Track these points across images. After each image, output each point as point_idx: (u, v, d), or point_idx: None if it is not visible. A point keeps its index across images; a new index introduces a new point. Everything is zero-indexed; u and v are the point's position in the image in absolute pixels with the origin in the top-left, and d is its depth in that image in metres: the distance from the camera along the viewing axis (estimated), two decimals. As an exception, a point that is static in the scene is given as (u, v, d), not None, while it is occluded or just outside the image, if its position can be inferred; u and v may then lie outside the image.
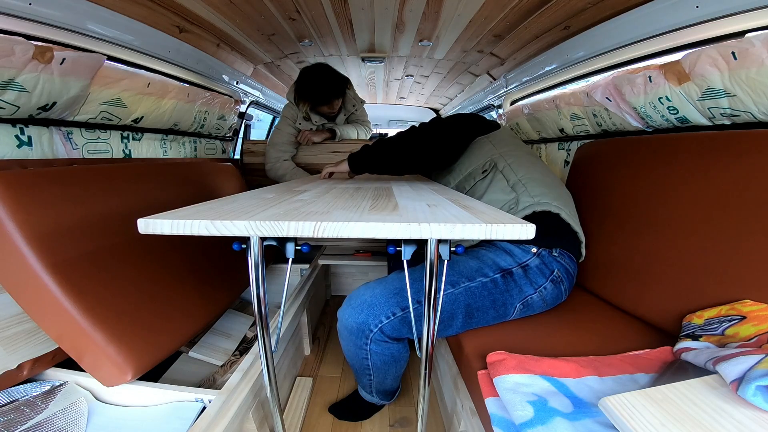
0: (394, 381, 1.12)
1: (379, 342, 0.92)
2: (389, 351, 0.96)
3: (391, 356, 0.98)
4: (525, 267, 0.96)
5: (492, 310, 0.93)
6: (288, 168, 1.98)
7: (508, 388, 0.68)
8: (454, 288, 0.92)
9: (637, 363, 0.75)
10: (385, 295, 0.90)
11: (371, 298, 0.91)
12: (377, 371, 1.02)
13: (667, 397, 0.49)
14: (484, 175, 1.09)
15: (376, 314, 0.89)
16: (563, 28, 1.45)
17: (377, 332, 0.90)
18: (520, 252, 0.98)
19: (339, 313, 0.96)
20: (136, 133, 1.49)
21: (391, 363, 1.01)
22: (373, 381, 1.08)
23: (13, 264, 0.77)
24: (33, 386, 0.88)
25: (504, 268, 0.96)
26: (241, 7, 1.39)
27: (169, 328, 0.98)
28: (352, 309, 0.92)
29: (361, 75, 2.71)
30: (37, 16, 0.96)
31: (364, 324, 0.90)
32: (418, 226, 0.48)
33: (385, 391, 1.17)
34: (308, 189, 0.90)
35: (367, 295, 0.92)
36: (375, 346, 0.93)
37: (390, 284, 0.93)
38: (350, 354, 1.00)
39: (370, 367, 1.00)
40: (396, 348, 0.97)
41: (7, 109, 0.96)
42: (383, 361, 0.98)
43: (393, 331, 0.90)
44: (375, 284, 0.95)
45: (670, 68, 1.02)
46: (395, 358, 0.99)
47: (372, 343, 0.92)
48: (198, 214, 0.52)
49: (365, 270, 2.23)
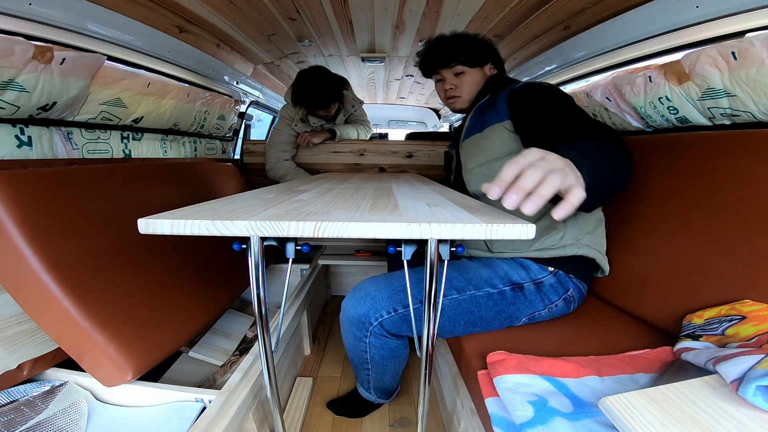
0: (393, 379, 1.12)
1: (379, 336, 0.93)
2: (388, 346, 0.96)
3: (390, 351, 0.98)
4: (539, 283, 0.95)
5: (496, 321, 0.93)
6: (289, 168, 1.97)
7: (508, 388, 0.68)
8: (459, 294, 0.91)
9: (637, 363, 0.75)
10: (388, 291, 0.91)
11: (375, 291, 0.92)
12: (375, 366, 1.03)
13: (667, 397, 0.49)
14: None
15: (378, 308, 0.90)
16: (563, 27, 1.45)
17: (377, 326, 0.91)
18: (537, 268, 0.97)
19: (343, 303, 0.97)
20: (136, 133, 1.49)
21: (390, 359, 1.01)
22: (372, 377, 1.08)
23: (13, 264, 0.77)
24: (33, 386, 0.88)
25: (515, 281, 0.94)
26: (241, 7, 1.39)
27: (169, 328, 0.98)
28: (355, 300, 0.93)
29: (361, 75, 2.71)
30: (37, 16, 0.96)
31: (365, 316, 0.91)
32: (418, 226, 0.48)
33: (384, 389, 1.17)
34: (308, 189, 0.90)
35: (371, 288, 0.93)
36: (374, 339, 0.94)
37: (394, 281, 0.94)
38: (350, 346, 1.00)
39: (369, 361, 1.01)
40: (395, 343, 0.97)
41: (7, 109, 0.96)
42: (382, 355, 0.99)
43: (393, 327, 0.91)
44: (380, 279, 0.96)
45: (670, 68, 1.03)
46: (394, 354, 1.00)
47: (371, 336, 0.93)
48: (198, 214, 0.52)
49: (365, 270, 2.23)
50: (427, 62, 1.23)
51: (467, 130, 1.17)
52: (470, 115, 1.19)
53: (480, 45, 1.20)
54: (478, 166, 1.09)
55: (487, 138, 1.06)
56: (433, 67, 1.22)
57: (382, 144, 2.20)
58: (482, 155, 1.07)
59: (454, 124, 4.10)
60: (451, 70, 1.19)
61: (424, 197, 0.77)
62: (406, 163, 2.13)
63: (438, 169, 2.12)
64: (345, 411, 1.25)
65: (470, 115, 1.19)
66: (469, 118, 1.19)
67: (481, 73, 1.20)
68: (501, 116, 1.04)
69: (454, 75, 1.20)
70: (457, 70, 1.19)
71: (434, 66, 1.22)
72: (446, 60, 1.18)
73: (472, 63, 1.18)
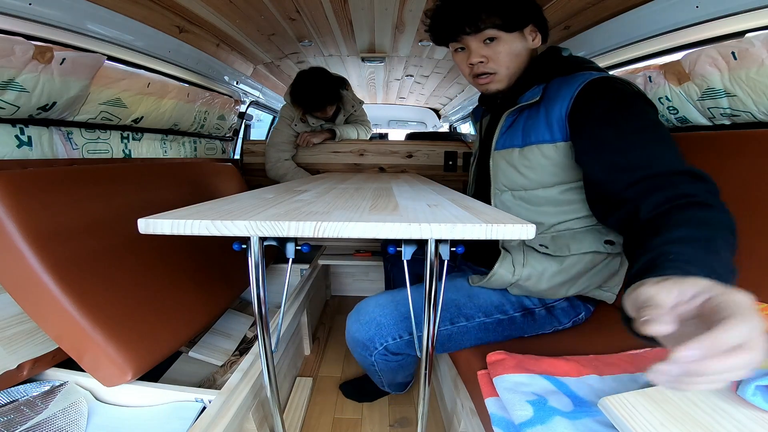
0: (405, 377, 1.11)
1: (383, 356, 0.90)
2: (395, 361, 0.93)
3: (398, 364, 0.95)
4: (551, 308, 0.92)
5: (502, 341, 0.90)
6: (289, 168, 1.97)
7: (507, 387, 0.68)
8: (468, 321, 0.87)
9: (637, 362, 0.75)
10: (394, 318, 0.86)
11: (380, 317, 0.87)
12: (385, 374, 1.01)
13: (666, 397, 0.49)
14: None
15: (383, 334, 0.86)
16: (563, 28, 1.45)
17: (381, 350, 0.88)
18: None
19: (348, 322, 0.93)
20: (136, 133, 1.49)
21: (398, 369, 0.99)
22: (384, 380, 1.07)
23: (13, 264, 0.77)
24: (33, 386, 0.88)
25: (527, 307, 0.90)
26: (241, 7, 1.39)
27: (169, 328, 0.98)
28: (360, 324, 0.89)
29: (361, 75, 2.71)
30: (37, 16, 0.96)
31: (370, 341, 0.87)
32: (418, 226, 0.48)
33: (397, 384, 1.16)
34: (308, 189, 0.90)
35: (376, 313, 0.88)
36: (379, 358, 0.90)
37: (400, 305, 0.88)
38: (358, 358, 0.97)
39: (378, 371, 0.98)
40: (401, 358, 0.93)
41: (7, 109, 0.96)
42: (390, 368, 0.96)
43: (398, 350, 0.88)
44: (385, 302, 0.89)
45: (670, 68, 1.03)
46: (402, 364, 0.97)
47: (376, 355, 0.90)
48: (198, 214, 0.52)
49: (365, 270, 2.23)
50: (443, 24, 0.87)
51: (501, 136, 0.89)
52: (507, 114, 0.88)
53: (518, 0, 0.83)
54: (511, 191, 0.89)
55: (529, 159, 0.82)
56: (453, 32, 0.85)
57: (382, 144, 2.20)
58: (519, 179, 0.85)
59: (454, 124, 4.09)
60: (479, 36, 0.83)
61: (423, 197, 0.77)
62: (406, 163, 2.13)
63: (438, 169, 2.12)
64: (354, 395, 1.28)
65: (507, 114, 0.88)
66: (505, 116, 0.88)
67: (521, 39, 0.85)
68: (554, 133, 0.78)
69: (482, 43, 0.84)
70: (488, 34, 0.82)
71: (454, 30, 0.85)
72: (473, 20, 0.81)
73: (511, 26, 0.82)
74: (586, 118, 0.73)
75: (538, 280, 0.84)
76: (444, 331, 0.86)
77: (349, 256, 2.04)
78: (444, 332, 0.86)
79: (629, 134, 0.68)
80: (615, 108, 0.71)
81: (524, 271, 0.83)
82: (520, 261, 0.84)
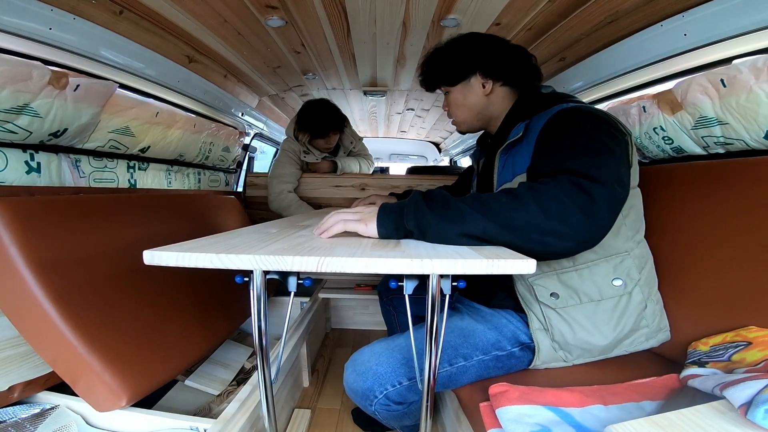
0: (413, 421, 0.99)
1: (385, 406, 0.86)
2: (398, 410, 0.88)
3: (402, 413, 0.90)
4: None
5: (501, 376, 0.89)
6: (292, 200, 1.95)
7: (511, 418, 0.67)
8: (466, 361, 0.86)
9: (643, 391, 0.74)
10: (392, 365, 0.84)
11: (376, 366, 0.84)
12: (390, 422, 0.96)
13: (672, 423, 0.48)
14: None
15: (382, 383, 0.83)
16: (559, 59, 1.50)
17: (382, 398, 0.84)
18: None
19: (345, 373, 0.89)
20: (142, 163, 1.52)
21: (403, 417, 0.92)
22: (390, 425, 1.00)
23: (13, 289, 0.78)
24: (22, 408, 0.87)
25: (523, 342, 0.89)
26: (249, 39, 1.44)
27: (166, 356, 0.97)
28: (356, 375, 0.85)
29: (363, 108, 2.76)
30: (56, 41, 0.98)
31: (369, 390, 0.84)
32: (420, 261, 0.49)
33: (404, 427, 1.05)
34: (311, 224, 0.90)
35: (372, 362, 0.85)
36: (380, 407, 0.86)
37: (395, 352, 0.85)
38: (360, 407, 0.92)
39: (381, 421, 0.94)
40: (405, 407, 0.88)
41: (20, 134, 0.97)
42: (392, 416, 0.90)
43: (399, 397, 0.84)
44: (381, 350, 0.87)
45: (662, 97, 1.05)
46: (406, 413, 0.91)
47: (377, 405, 0.85)
48: (203, 248, 0.52)
49: (365, 303, 2.19)
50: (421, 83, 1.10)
51: (499, 175, 0.93)
52: (500, 153, 0.93)
53: (456, 53, 0.96)
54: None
55: None
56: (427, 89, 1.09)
57: (383, 178, 2.23)
58: None
59: (455, 158, 4.11)
60: (440, 90, 1.05)
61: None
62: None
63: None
64: (362, 422, 1.30)
65: (500, 153, 0.93)
66: (498, 156, 0.93)
67: (467, 89, 0.97)
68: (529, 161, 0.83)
69: (445, 95, 1.04)
70: (442, 89, 1.03)
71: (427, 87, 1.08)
72: (427, 84, 1.06)
73: (452, 80, 0.99)
74: (543, 139, 0.80)
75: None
76: (443, 372, 0.85)
77: (350, 289, 2.02)
78: (444, 374, 0.85)
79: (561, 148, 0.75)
80: (563, 126, 0.78)
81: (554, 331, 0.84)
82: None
